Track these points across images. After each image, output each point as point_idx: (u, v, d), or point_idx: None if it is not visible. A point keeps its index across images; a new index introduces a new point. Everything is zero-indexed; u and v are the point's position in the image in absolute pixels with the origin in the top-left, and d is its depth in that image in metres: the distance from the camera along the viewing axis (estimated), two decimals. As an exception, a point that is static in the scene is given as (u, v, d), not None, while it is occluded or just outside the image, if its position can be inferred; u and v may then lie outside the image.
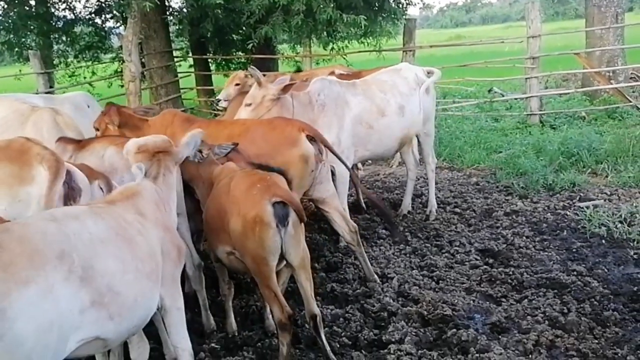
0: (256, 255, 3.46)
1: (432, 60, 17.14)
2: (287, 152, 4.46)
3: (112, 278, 2.62)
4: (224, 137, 4.53)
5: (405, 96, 5.91)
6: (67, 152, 4.34)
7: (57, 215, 2.65)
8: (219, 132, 4.69)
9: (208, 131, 4.64)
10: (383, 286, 4.79)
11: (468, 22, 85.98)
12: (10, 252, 2.29)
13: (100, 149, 4.34)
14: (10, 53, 14.84)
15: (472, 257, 5.31)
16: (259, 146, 4.48)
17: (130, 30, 9.97)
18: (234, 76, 7.78)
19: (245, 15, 10.78)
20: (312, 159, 4.55)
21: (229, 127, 4.84)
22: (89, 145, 4.45)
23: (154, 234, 3.00)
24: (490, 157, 8.73)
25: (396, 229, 5.69)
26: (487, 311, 4.34)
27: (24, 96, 6.43)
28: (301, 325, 4.19)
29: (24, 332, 2.22)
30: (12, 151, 3.42)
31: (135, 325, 2.86)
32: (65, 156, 4.24)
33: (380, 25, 12.20)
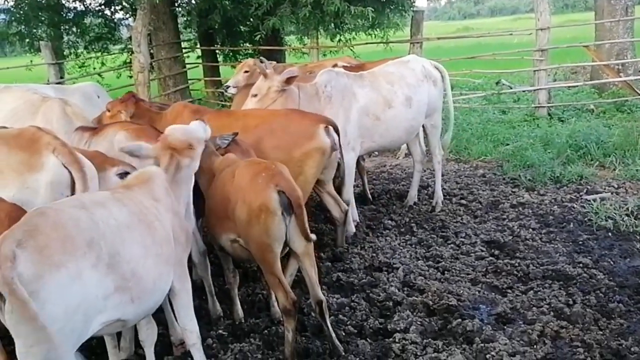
0: (261, 242, 3.50)
1: (440, 52, 17.09)
2: (306, 144, 4.58)
3: (135, 264, 2.71)
4: (239, 128, 4.59)
5: (413, 87, 5.92)
6: (84, 139, 4.45)
7: (85, 202, 2.73)
8: (233, 123, 4.75)
9: (221, 122, 4.72)
10: (388, 276, 4.82)
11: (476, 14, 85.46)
12: (46, 236, 2.38)
13: (112, 134, 4.42)
14: (21, 44, 14.91)
15: (477, 249, 5.33)
16: (278, 137, 4.58)
17: (139, 21, 10.02)
18: (243, 63, 7.82)
19: (253, 6, 10.80)
20: (329, 150, 4.68)
21: (242, 118, 4.89)
22: (103, 130, 4.53)
23: (167, 219, 3.07)
24: (497, 149, 8.72)
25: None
26: (492, 302, 4.36)
27: (35, 86, 6.49)
28: (307, 314, 4.24)
29: (53, 314, 2.32)
30: (23, 139, 3.49)
31: (151, 307, 2.96)
32: (82, 143, 4.34)
33: (387, 17, 12.18)
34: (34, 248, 2.32)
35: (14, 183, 3.35)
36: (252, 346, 3.88)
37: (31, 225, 2.41)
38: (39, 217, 2.48)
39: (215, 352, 3.84)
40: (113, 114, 5.20)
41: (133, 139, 4.32)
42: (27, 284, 2.26)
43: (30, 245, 2.32)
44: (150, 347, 3.43)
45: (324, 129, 4.67)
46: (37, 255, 2.31)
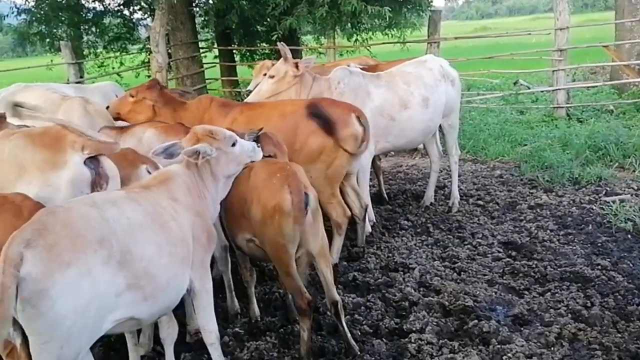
0: (276, 243, 3.50)
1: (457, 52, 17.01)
2: (341, 130, 4.68)
3: (148, 262, 2.73)
4: (275, 117, 4.72)
5: (430, 88, 5.90)
6: (112, 137, 4.48)
7: (97, 200, 2.76)
8: (268, 112, 4.84)
9: (254, 112, 4.82)
10: (404, 276, 4.82)
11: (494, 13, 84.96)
12: (56, 235, 2.41)
13: (140, 132, 4.47)
14: (42, 43, 15.10)
15: (494, 250, 5.31)
16: (314, 124, 4.67)
17: (157, 21, 10.10)
18: (261, 65, 7.81)
19: (270, 6, 10.85)
20: (361, 137, 4.77)
21: (277, 107, 4.94)
22: (131, 129, 4.57)
23: (185, 219, 3.08)
24: (514, 149, 8.66)
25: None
26: (509, 303, 4.34)
27: (55, 86, 6.58)
28: (323, 313, 4.24)
29: (64, 311, 2.35)
30: (48, 138, 3.51)
31: (167, 307, 2.98)
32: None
33: (405, 17, 12.15)
34: (43, 247, 2.35)
35: (37, 181, 3.38)
36: (268, 344, 3.90)
37: (41, 224, 2.44)
38: (48, 216, 2.51)
39: (232, 349, 3.87)
40: (137, 100, 5.21)
41: (162, 137, 4.37)
42: (36, 282, 2.30)
43: (40, 244, 2.35)
44: (170, 345, 3.45)
45: (355, 117, 4.75)
46: (47, 254, 2.34)
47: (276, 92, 5.52)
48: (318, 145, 4.70)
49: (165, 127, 4.51)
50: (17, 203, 3.05)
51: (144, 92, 5.21)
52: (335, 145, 4.72)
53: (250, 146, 3.67)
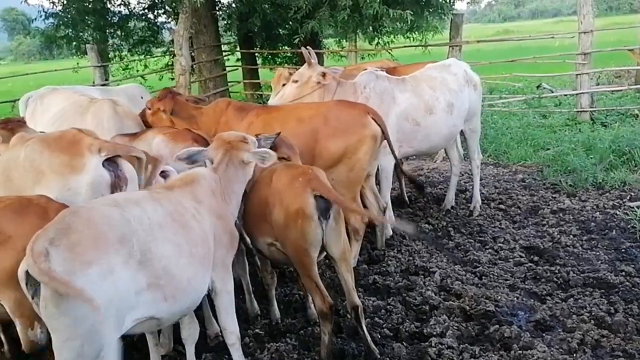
0: (298, 246, 3.51)
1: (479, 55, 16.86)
2: (360, 131, 4.68)
3: (168, 262, 2.76)
4: (293, 120, 4.74)
5: (455, 93, 5.88)
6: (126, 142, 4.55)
7: (119, 200, 2.81)
8: (285, 115, 4.85)
9: (271, 116, 4.84)
10: (425, 280, 4.81)
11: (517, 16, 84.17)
12: (78, 234, 2.46)
13: (150, 138, 4.55)
14: (68, 47, 15.34)
15: (516, 254, 5.27)
16: (333, 126, 4.67)
17: (181, 25, 10.21)
18: (279, 76, 7.85)
19: (292, 10, 10.91)
20: (380, 138, 4.77)
21: (294, 110, 4.95)
22: (142, 135, 4.65)
23: (207, 220, 3.12)
24: (537, 154, 8.59)
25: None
26: (531, 308, 4.31)
27: (82, 88, 6.70)
28: (343, 315, 4.26)
29: (85, 309, 2.38)
30: (65, 141, 3.55)
31: (187, 307, 3.00)
32: None
33: (426, 20, 12.11)
34: (66, 246, 2.40)
35: (56, 185, 3.42)
36: (288, 346, 3.93)
37: (64, 224, 2.49)
38: (71, 216, 2.56)
39: (252, 350, 3.90)
40: (154, 111, 5.32)
41: (169, 142, 4.46)
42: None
43: (63, 243, 2.40)
44: (191, 345, 3.49)
45: (371, 118, 4.76)
46: (69, 253, 2.39)
47: (299, 96, 5.55)
48: (338, 149, 4.69)
49: (173, 134, 4.59)
50: (42, 205, 3.11)
51: (158, 103, 5.32)
52: (355, 147, 4.70)
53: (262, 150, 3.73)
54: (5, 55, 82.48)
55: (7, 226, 2.96)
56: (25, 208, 3.05)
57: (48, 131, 4.40)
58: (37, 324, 2.99)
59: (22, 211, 3.04)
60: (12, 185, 3.48)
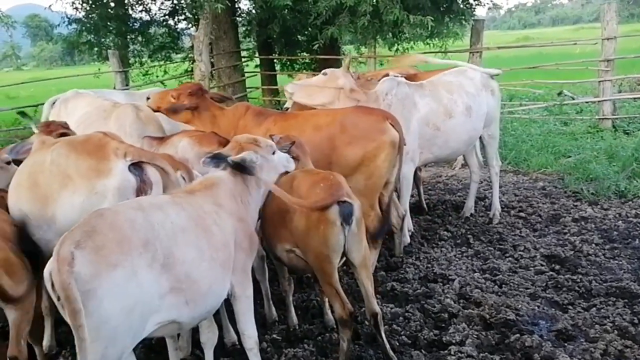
0: (319, 253, 3.48)
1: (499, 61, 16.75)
2: (378, 138, 4.61)
3: (190, 266, 2.77)
4: (309, 128, 4.70)
5: (472, 96, 5.85)
6: (152, 147, 4.62)
7: (143, 204, 2.84)
8: (302, 123, 4.82)
9: (289, 123, 4.81)
10: (444, 287, 4.77)
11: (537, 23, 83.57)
12: (104, 237, 2.49)
13: (177, 141, 4.58)
14: (90, 52, 15.54)
15: (537, 263, 5.20)
16: (350, 134, 4.62)
17: (201, 31, 10.26)
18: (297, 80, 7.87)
19: (312, 16, 10.91)
20: (398, 144, 4.69)
21: (311, 118, 4.91)
22: (170, 139, 4.69)
23: (228, 224, 3.13)
24: (558, 161, 8.50)
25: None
26: (552, 318, 4.24)
27: (106, 92, 6.77)
28: (361, 322, 4.23)
29: (110, 311, 2.42)
30: (91, 145, 3.56)
31: (207, 311, 3.01)
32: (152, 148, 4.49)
33: (447, 26, 12.05)
34: (92, 248, 2.42)
35: (83, 189, 3.43)
36: (306, 352, 3.91)
37: (89, 226, 2.51)
38: (97, 219, 2.58)
39: (270, 356, 3.89)
40: (180, 102, 5.28)
41: (195, 146, 4.48)
42: (84, 282, 2.36)
43: (89, 245, 2.42)
44: (210, 349, 3.50)
45: (389, 123, 4.70)
46: (95, 256, 2.41)
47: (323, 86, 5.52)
48: (355, 156, 4.62)
49: (200, 137, 4.60)
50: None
51: (186, 97, 5.28)
52: (373, 154, 4.64)
53: (285, 156, 3.74)
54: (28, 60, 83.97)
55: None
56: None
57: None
58: None
59: None
60: (39, 190, 3.51)
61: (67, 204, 3.42)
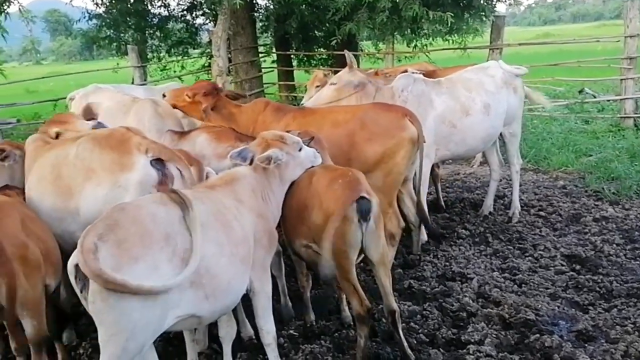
0: (337, 249, 3.47)
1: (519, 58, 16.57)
2: (398, 134, 4.57)
3: (209, 261, 2.77)
4: (328, 124, 4.67)
5: (492, 94, 5.78)
6: (174, 141, 4.66)
7: (164, 199, 2.83)
8: (321, 119, 4.79)
9: (307, 120, 4.79)
10: (462, 286, 4.73)
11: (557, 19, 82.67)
12: (126, 230, 2.50)
13: (195, 136, 4.60)
14: (109, 47, 15.65)
15: (557, 263, 5.14)
16: (370, 130, 4.58)
17: (219, 26, 10.27)
18: (314, 78, 7.90)
19: (330, 12, 10.87)
20: (417, 141, 4.66)
21: (330, 114, 4.89)
22: (189, 134, 4.72)
23: (248, 220, 3.12)
24: (579, 160, 8.39)
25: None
26: (572, 318, 4.19)
27: (125, 87, 6.81)
28: (378, 319, 4.20)
29: (131, 305, 2.44)
30: (114, 140, 3.60)
31: (227, 306, 3.02)
32: (173, 145, 4.54)
33: (467, 23, 11.92)
34: (114, 241, 2.44)
35: (107, 182, 3.47)
36: (323, 348, 3.90)
37: (112, 220, 2.53)
38: (119, 213, 2.60)
39: (287, 351, 3.88)
40: (193, 102, 5.31)
41: (213, 142, 4.50)
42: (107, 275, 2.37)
43: (111, 238, 2.44)
44: (228, 344, 3.51)
45: (408, 120, 4.66)
46: (117, 249, 2.43)
47: (336, 99, 5.52)
48: (375, 153, 4.58)
49: (218, 133, 4.62)
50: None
51: (201, 97, 5.31)
52: (393, 150, 4.60)
53: (312, 152, 3.72)
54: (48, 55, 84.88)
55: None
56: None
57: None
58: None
59: None
60: (62, 182, 3.56)
61: (90, 196, 3.47)
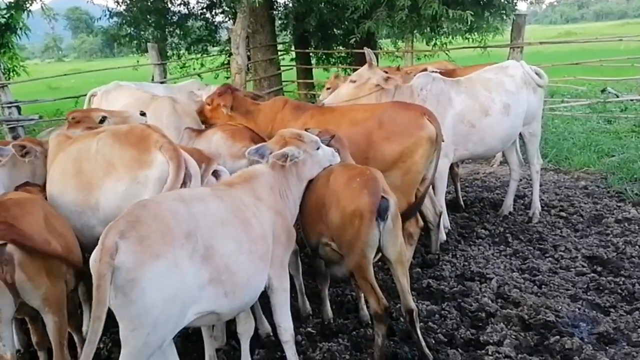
0: (354, 247, 3.47)
1: (540, 57, 16.40)
2: (416, 133, 4.56)
3: (229, 258, 2.79)
4: (346, 122, 4.66)
5: (512, 95, 5.71)
6: (191, 139, 4.73)
7: (185, 196, 2.87)
8: (339, 117, 4.78)
9: (325, 117, 4.79)
10: (481, 286, 4.69)
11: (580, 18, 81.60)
12: (147, 227, 2.52)
13: (211, 134, 4.63)
14: (129, 45, 15.80)
15: (578, 264, 5.07)
16: (388, 129, 4.57)
17: (239, 24, 10.31)
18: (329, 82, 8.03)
19: (349, 10, 10.85)
20: (435, 139, 4.63)
21: (348, 112, 4.88)
22: (205, 132, 4.76)
23: (267, 217, 3.13)
24: (601, 160, 8.28)
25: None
26: (593, 320, 4.13)
27: (145, 85, 6.88)
28: (396, 318, 4.19)
29: (152, 300, 2.46)
30: (134, 136, 3.64)
31: (245, 303, 3.03)
32: (190, 142, 4.56)
33: (487, 21, 11.79)
34: (136, 238, 2.46)
35: (126, 178, 3.51)
36: (341, 346, 3.90)
37: (133, 217, 2.55)
38: (140, 209, 2.62)
39: (305, 349, 3.89)
40: (214, 107, 5.41)
41: (228, 140, 4.54)
42: (128, 271, 2.41)
43: (133, 235, 2.46)
44: (246, 341, 3.53)
45: (427, 119, 4.63)
46: (139, 245, 2.45)
47: (355, 97, 5.51)
48: (393, 152, 4.56)
49: (232, 131, 4.66)
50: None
51: (218, 99, 5.39)
52: (411, 149, 4.58)
53: (330, 150, 3.72)
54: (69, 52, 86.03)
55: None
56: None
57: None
58: None
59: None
60: (83, 177, 3.60)
61: (110, 191, 3.50)
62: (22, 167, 4.25)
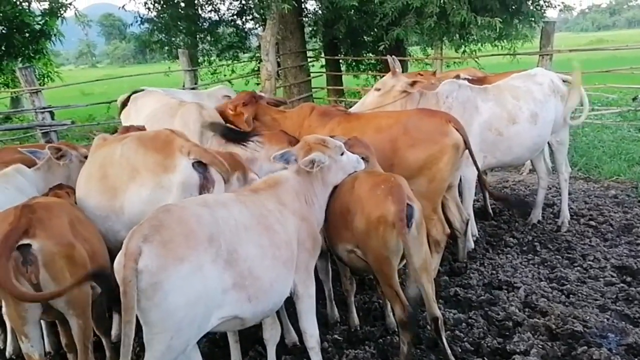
0: (379, 254, 3.48)
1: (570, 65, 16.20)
2: (441, 140, 4.56)
3: (252, 263, 2.83)
4: (371, 129, 4.69)
5: (540, 103, 5.68)
6: (222, 144, 4.76)
7: (209, 201, 2.92)
8: (365, 125, 4.81)
9: (351, 125, 4.83)
10: (509, 295, 4.67)
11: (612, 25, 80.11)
12: (171, 231, 2.57)
13: None
14: (161, 51, 16.06)
15: (607, 274, 5.01)
16: (413, 136, 4.58)
17: (268, 30, 10.43)
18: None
19: (378, 17, 10.91)
20: (462, 147, 4.63)
21: (374, 119, 4.90)
22: None
23: (291, 223, 3.17)
24: (631, 169, 8.15)
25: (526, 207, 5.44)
26: (622, 331, 4.08)
27: (173, 91, 7.01)
28: (422, 326, 4.21)
29: (176, 304, 2.50)
30: (158, 141, 3.71)
31: (269, 309, 3.07)
32: (220, 147, 4.63)
33: (516, 28, 11.72)
34: (159, 242, 2.51)
35: (150, 182, 3.58)
36: (367, 354, 3.92)
37: (157, 221, 2.60)
38: (164, 213, 2.67)
39: (331, 356, 3.93)
40: (237, 114, 5.48)
41: (265, 144, 4.59)
42: (152, 275, 2.45)
43: (156, 239, 2.51)
44: (272, 346, 3.56)
45: (452, 126, 4.63)
46: (162, 249, 2.49)
47: (380, 104, 5.52)
48: (417, 159, 4.56)
49: (269, 136, 4.70)
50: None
51: (242, 108, 5.46)
52: (436, 157, 4.57)
53: (355, 157, 3.76)
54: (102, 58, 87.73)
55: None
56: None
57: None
58: None
59: None
60: (108, 182, 3.68)
61: (134, 195, 3.57)
62: (57, 170, 4.37)
